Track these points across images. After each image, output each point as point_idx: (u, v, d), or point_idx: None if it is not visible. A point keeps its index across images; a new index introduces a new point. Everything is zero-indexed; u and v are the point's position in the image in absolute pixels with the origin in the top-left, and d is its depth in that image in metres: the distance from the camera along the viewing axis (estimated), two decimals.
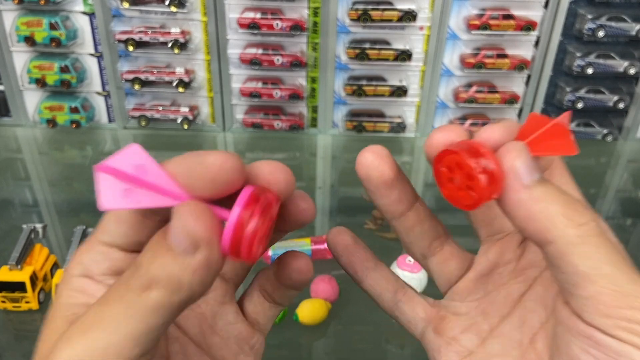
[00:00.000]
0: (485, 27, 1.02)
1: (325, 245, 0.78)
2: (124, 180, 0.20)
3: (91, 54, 1.07)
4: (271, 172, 0.23)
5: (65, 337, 0.20)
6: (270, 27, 1.01)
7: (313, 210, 0.25)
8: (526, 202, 0.21)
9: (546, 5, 1.02)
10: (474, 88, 1.09)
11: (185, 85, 1.07)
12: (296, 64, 1.04)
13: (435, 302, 0.29)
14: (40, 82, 1.06)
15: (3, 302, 0.67)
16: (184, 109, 1.10)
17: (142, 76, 1.06)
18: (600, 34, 1.03)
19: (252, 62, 1.04)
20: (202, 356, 0.27)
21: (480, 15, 1.01)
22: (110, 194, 0.20)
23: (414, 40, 1.05)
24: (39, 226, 0.71)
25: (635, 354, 0.20)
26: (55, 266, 0.73)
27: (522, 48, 1.06)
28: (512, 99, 1.09)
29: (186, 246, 0.19)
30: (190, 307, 0.24)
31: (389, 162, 0.26)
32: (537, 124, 0.23)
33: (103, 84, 1.11)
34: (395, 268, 0.69)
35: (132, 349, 0.20)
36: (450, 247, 0.29)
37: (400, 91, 1.08)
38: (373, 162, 0.25)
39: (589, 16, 1.02)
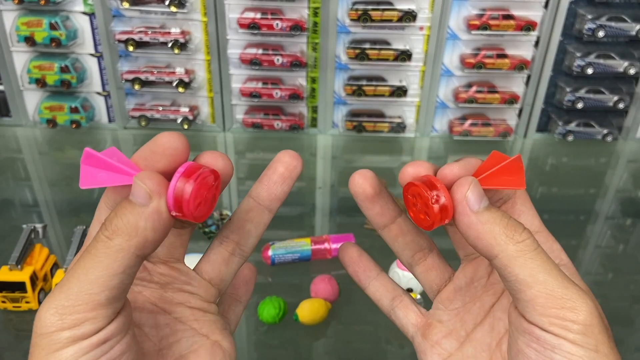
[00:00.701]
0: (485, 27, 1.02)
1: (325, 245, 0.78)
2: (98, 166, 0.26)
3: (91, 54, 1.07)
4: (212, 156, 0.29)
5: (50, 296, 0.25)
6: (270, 27, 1.01)
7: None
8: (475, 224, 0.27)
9: (546, 6, 1.02)
10: (474, 88, 1.09)
11: (185, 85, 1.07)
12: (296, 64, 1.04)
13: (425, 312, 0.34)
14: (41, 82, 1.06)
15: (3, 302, 0.68)
16: (184, 109, 1.10)
17: (142, 76, 1.06)
18: (600, 34, 1.03)
19: (252, 62, 1.04)
20: (194, 334, 0.31)
21: (480, 16, 1.01)
22: (87, 177, 0.26)
23: (414, 40, 1.05)
24: (39, 226, 0.71)
25: (566, 345, 0.25)
26: (55, 266, 0.73)
27: (522, 48, 1.06)
28: (512, 99, 1.09)
29: (141, 198, 0.25)
30: (180, 302, 0.31)
31: (371, 183, 0.32)
32: (497, 160, 0.28)
33: (103, 84, 1.11)
34: (395, 268, 0.69)
35: (100, 292, 0.24)
36: (432, 259, 0.34)
37: (400, 91, 1.08)
38: (358, 181, 0.32)
39: (589, 16, 1.02)
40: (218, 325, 0.32)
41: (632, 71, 1.06)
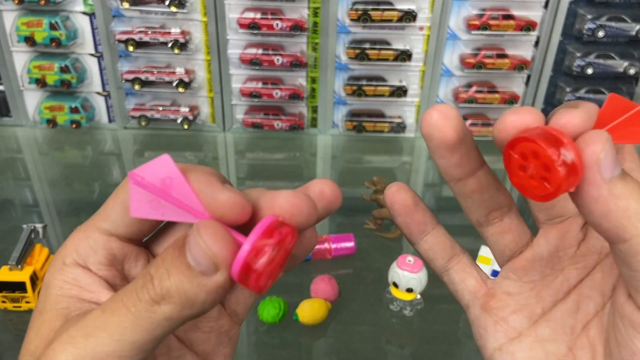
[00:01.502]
0: (485, 27, 1.02)
1: (325, 245, 0.78)
2: (152, 192, 0.21)
3: (91, 54, 1.07)
4: (294, 203, 0.22)
5: (67, 337, 0.21)
6: (270, 27, 1.01)
7: (316, 239, 0.25)
8: (605, 198, 0.20)
9: (546, 6, 1.02)
10: (474, 88, 1.09)
11: (186, 85, 1.07)
12: (296, 64, 1.04)
13: (488, 279, 0.29)
14: (41, 82, 1.06)
15: (3, 302, 0.68)
16: (184, 109, 1.10)
17: (142, 76, 1.06)
18: (600, 34, 1.03)
19: (252, 62, 1.04)
20: (183, 350, 0.27)
21: (480, 16, 1.01)
22: (139, 203, 0.21)
23: (413, 40, 1.05)
24: (39, 226, 0.71)
25: None
26: None
27: (522, 48, 1.06)
28: (512, 99, 1.09)
29: (206, 267, 0.20)
30: None
31: (455, 124, 0.24)
32: (618, 107, 0.22)
33: (103, 84, 1.11)
34: (395, 268, 0.69)
35: (135, 356, 0.20)
36: (510, 219, 0.28)
37: (400, 91, 1.08)
38: (437, 121, 0.24)
39: (589, 16, 1.02)
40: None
41: (632, 71, 1.06)
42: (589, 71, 1.06)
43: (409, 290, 0.67)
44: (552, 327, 0.26)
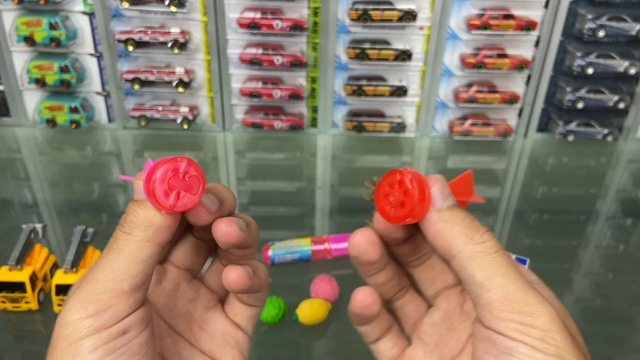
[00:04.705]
0: (485, 27, 1.02)
1: (325, 245, 0.78)
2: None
3: (91, 54, 1.07)
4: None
5: (74, 287, 0.26)
6: (270, 27, 1.01)
7: (235, 234, 0.29)
8: (436, 221, 0.27)
9: (546, 5, 1.02)
10: (474, 88, 1.09)
11: (185, 85, 1.06)
12: (296, 63, 1.04)
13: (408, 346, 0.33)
14: (40, 82, 1.06)
15: (3, 302, 0.67)
16: (184, 109, 1.10)
17: (142, 76, 1.06)
18: (601, 33, 1.02)
19: (252, 62, 1.04)
20: (192, 349, 0.32)
21: (481, 15, 1.01)
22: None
23: (414, 40, 1.05)
24: (38, 226, 0.71)
25: (524, 348, 0.24)
26: (54, 266, 0.73)
27: (523, 48, 1.06)
28: (512, 99, 1.09)
29: (142, 197, 0.27)
30: (182, 312, 0.32)
31: (378, 249, 0.31)
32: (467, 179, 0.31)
33: (103, 84, 1.10)
34: None
35: (123, 280, 0.26)
36: (410, 294, 0.33)
37: (400, 91, 1.08)
38: (363, 247, 0.32)
39: (589, 16, 1.02)
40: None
41: (632, 71, 1.06)
42: (590, 71, 1.06)
43: None
44: None
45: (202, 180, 0.28)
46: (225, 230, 0.28)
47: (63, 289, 0.66)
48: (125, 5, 0.99)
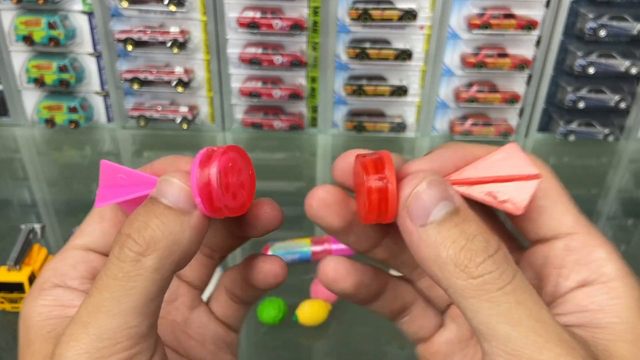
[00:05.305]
0: (486, 26, 1.01)
1: (325, 246, 0.77)
2: (111, 186, 0.23)
3: (90, 54, 1.07)
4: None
5: (67, 336, 0.19)
6: (270, 26, 1.00)
7: (279, 216, 0.25)
8: (417, 244, 0.19)
9: (547, 5, 1.02)
10: (475, 88, 1.08)
11: (185, 85, 1.06)
12: (296, 63, 1.04)
13: None
14: (39, 82, 1.05)
15: (1, 302, 0.67)
16: (184, 109, 1.10)
17: (141, 76, 1.05)
18: (602, 33, 1.02)
19: (252, 62, 1.04)
20: (181, 359, 0.27)
21: (481, 15, 1.01)
22: (102, 196, 0.23)
23: (414, 39, 1.05)
24: (37, 226, 0.71)
25: None
26: None
27: (523, 47, 1.06)
28: (513, 99, 1.09)
29: (185, 203, 0.20)
30: (162, 316, 0.25)
31: (337, 211, 0.24)
32: (512, 156, 0.21)
33: (102, 84, 1.10)
34: None
35: (140, 323, 0.19)
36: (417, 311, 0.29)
37: (400, 91, 1.08)
38: (318, 211, 0.24)
39: (591, 15, 1.01)
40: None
41: (633, 71, 1.06)
42: (591, 71, 1.05)
43: None
44: None
45: (252, 177, 0.23)
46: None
47: None
48: (125, 4, 0.99)
